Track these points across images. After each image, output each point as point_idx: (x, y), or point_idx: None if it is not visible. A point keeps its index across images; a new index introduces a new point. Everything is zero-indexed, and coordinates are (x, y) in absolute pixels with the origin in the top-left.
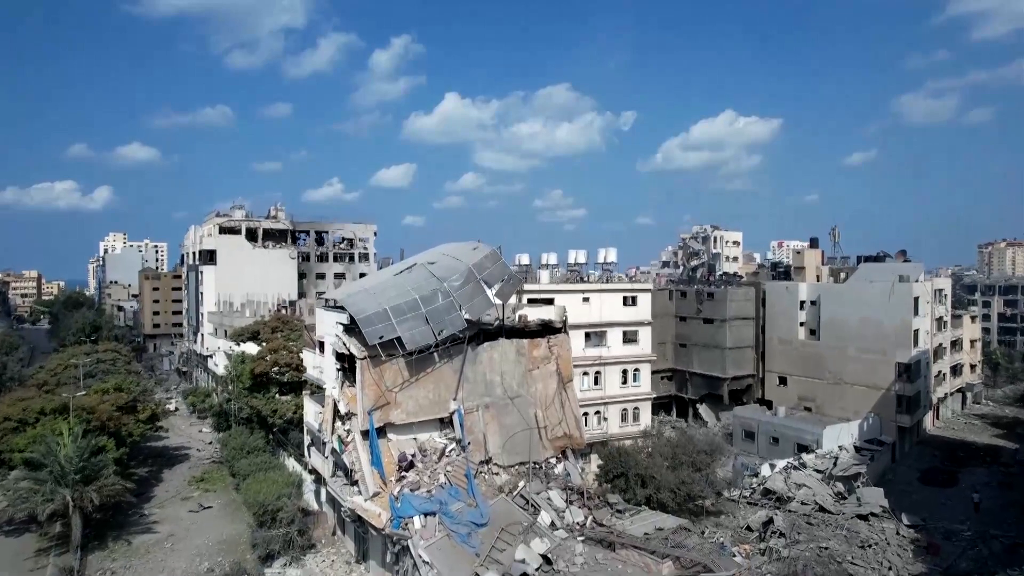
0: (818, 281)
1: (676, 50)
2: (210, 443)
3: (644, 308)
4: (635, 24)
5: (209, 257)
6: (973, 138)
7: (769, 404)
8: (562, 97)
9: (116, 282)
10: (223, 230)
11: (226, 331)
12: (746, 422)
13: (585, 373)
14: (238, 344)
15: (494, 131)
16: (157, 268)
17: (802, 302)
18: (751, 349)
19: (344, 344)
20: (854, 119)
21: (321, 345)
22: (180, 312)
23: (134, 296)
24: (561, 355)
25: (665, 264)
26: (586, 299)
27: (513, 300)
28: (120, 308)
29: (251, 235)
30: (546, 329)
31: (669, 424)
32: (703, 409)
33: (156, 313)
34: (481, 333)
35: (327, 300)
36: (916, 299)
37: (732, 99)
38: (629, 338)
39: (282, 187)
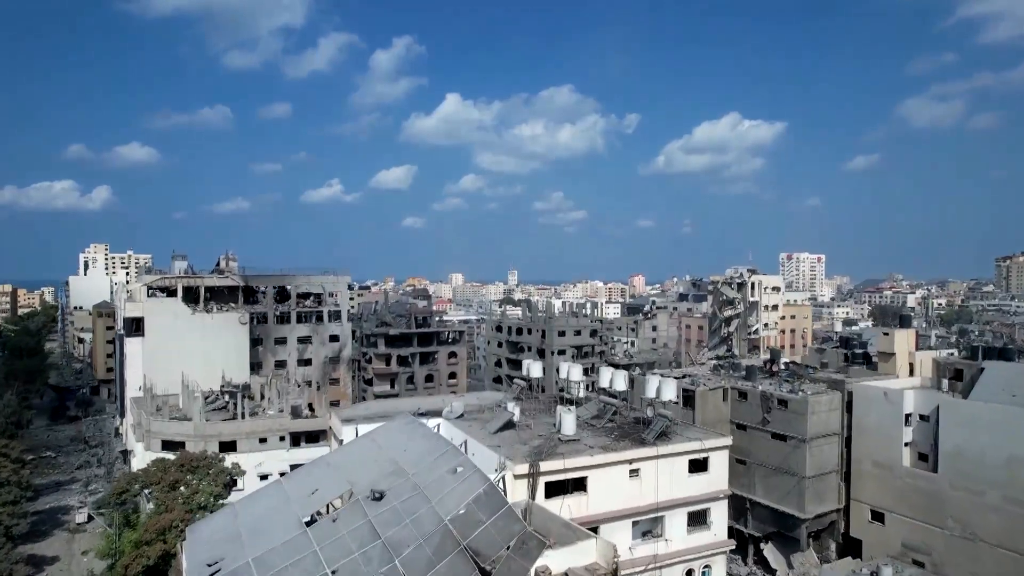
0: (912, 374)
1: (681, 53)
2: None
3: (719, 473)
4: (639, 26)
5: (135, 327)
6: (978, 142)
7: (857, 546)
8: (564, 99)
9: (81, 308)
10: (154, 290)
11: (144, 434)
12: None
13: None
14: (122, 502)
15: (495, 133)
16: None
17: (907, 415)
18: (836, 474)
19: None
20: (858, 123)
21: None
22: None
23: None
24: None
25: (683, 297)
26: (634, 471)
27: (523, 495)
28: (81, 340)
29: (191, 295)
30: None
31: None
32: (769, 551)
33: (110, 355)
34: None
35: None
36: None
37: (736, 102)
38: (696, 520)
39: (282, 188)
